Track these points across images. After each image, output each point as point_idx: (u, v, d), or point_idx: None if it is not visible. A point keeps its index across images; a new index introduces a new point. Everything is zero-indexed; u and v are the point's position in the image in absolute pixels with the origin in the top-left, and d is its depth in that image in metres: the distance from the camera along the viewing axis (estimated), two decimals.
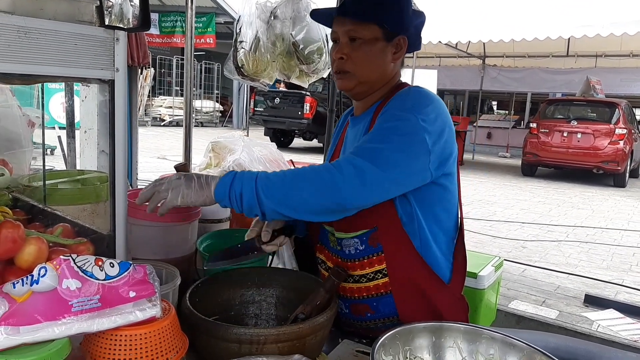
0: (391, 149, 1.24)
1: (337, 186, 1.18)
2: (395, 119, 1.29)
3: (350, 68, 1.41)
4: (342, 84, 1.46)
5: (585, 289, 4.41)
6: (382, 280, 1.41)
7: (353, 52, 1.40)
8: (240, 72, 2.50)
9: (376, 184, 1.22)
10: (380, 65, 1.42)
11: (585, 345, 1.71)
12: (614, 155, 11.10)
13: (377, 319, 1.46)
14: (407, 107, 1.31)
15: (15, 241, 0.91)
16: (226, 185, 1.19)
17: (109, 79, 0.94)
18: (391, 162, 1.23)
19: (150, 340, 0.90)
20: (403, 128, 1.27)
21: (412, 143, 1.26)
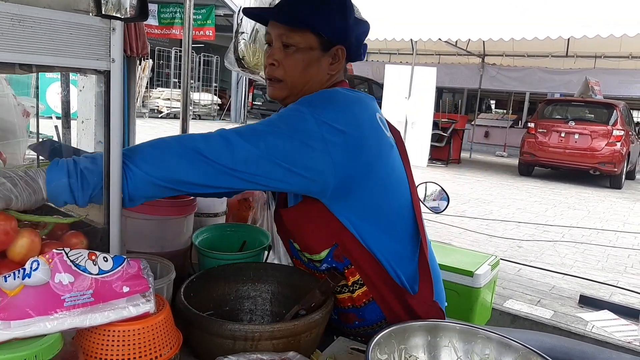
0: (272, 132, 1.13)
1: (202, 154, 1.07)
2: (288, 110, 1.20)
3: (281, 76, 1.31)
4: (273, 92, 1.36)
5: (580, 290, 4.42)
6: (362, 290, 1.38)
7: (285, 59, 1.29)
8: (240, 64, 2.48)
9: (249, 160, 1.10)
10: (312, 76, 1.31)
11: (580, 346, 1.71)
12: (610, 156, 11.12)
13: (367, 326, 1.44)
14: (308, 102, 1.20)
15: (7, 233, 0.90)
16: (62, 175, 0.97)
17: (105, 69, 0.92)
18: (267, 142, 1.11)
19: (144, 336, 0.88)
20: (289, 118, 1.17)
21: (300, 138, 1.13)
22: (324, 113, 1.16)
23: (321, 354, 1.31)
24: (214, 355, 1.07)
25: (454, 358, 1.20)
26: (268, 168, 1.12)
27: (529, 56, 15.24)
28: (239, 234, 1.74)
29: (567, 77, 14.73)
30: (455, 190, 9.04)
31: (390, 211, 1.34)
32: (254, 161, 1.11)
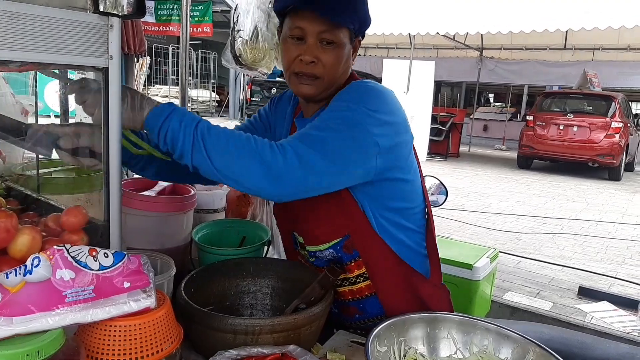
0: (337, 138, 1.14)
1: (279, 173, 1.08)
2: (340, 110, 1.19)
3: (320, 73, 1.26)
4: (308, 90, 1.29)
5: (579, 281, 4.44)
6: (365, 283, 1.40)
7: (325, 56, 1.24)
8: (238, 61, 2.48)
9: (319, 175, 1.13)
10: (345, 70, 1.31)
11: (578, 337, 1.73)
12: (609, 148, 11.14)
13: (367, 319, 1.46)
14: (354, 98, 1.20)
15: (9, 231, 0.91)
16: (160, 116, 1.06)
17: (103, 66, 0.93)
18: (337, 153, 1.13)
19: (145, 330, 0.89)
20: (348, 118, 1.16)
21: (358, 133, 1.16)
22: (372, 106, 1.19)
23: (321, 347, 1.32)
24: (215, 349, 1.08)
25: (453, 349, 1.21)
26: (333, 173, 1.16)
27: (527, 49, 15.21)
28: (239, 230, 1.75)
29: (566, 69, 14.72)
30: (454, 184, 9.05)
31: (411, 197, 1.37)
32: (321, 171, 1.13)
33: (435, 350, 1.21)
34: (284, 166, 1.08)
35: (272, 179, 1.08)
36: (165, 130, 1.06)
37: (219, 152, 1.07)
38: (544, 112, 12.19)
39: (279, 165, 1.08)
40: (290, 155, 1.09)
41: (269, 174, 1.08)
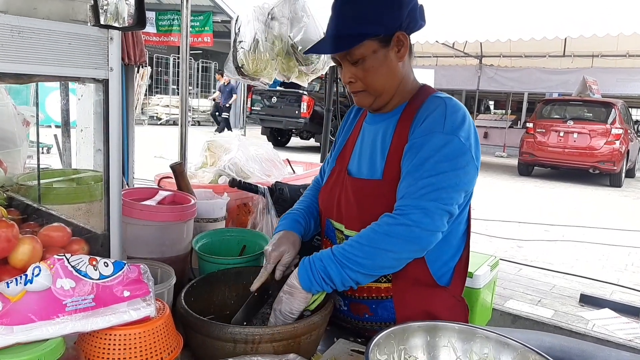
0: (445, 179, 1.26)
1: (414, 233, 1.23)
2: (440, 147, 1.28)
3: (361, 87, 1.39)
4: (359, 101, 1.44)
5: (580, 289, 4.42)
6: (385, 285, 1.41)
7: (358, 72, 1.36)
8: (240, 72, 2.50)
9: (442, 215, 1.26)
10: (389, 73, 1.37)
11: (579, 345, 1.72)
12: (610, 155, 11.13)
13: (375, 322, 1.46)
14: (448, 128, 1.29)
15: (9, 240, 0.91)
16: (306, 272, 1.25)
17: (103, 78, 0.94)
18: (450, 190, 1.27)
19: (145, 339, 0.90)
20: (452, 154, 1.28)
21: (463, 164, 1.29)
22: (465, 135, 1.30)
23: (321, 356, 1.32)
24: (215, 358, 1.08)
25: (453, 358, 1.21)
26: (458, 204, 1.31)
27: (526, 56, 15.25)
28: (239, 239, 1.75)
29: (565, 76, 14.74)
30: None
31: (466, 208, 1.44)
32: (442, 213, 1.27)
33: (435, 358, 1.21)
34: (417, 227, 1.23)
35: (416, 244, 1.25)
36: (318, 278, 1.24)
37: (366, 261, 1.24)
38: (544, 119, 12.20)
39: (413, 230, 1.23)
40: (413, 213, 1.24)
41: (413, 242, 1.25)
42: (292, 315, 1.25)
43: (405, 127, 1.37)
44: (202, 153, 2.51)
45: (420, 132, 1.32)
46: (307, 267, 1.25)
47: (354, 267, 1.23)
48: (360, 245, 1.24)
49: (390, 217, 1.26)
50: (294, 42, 2.45)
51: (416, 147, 1.31)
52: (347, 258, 1.23)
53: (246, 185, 2.08)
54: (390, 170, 1.36)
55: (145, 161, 9.30)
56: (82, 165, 4.06)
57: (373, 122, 1.49)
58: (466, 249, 1.49)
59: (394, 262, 1.28)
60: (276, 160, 2.47)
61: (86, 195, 1.44)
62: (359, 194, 1.41)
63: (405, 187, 1.29)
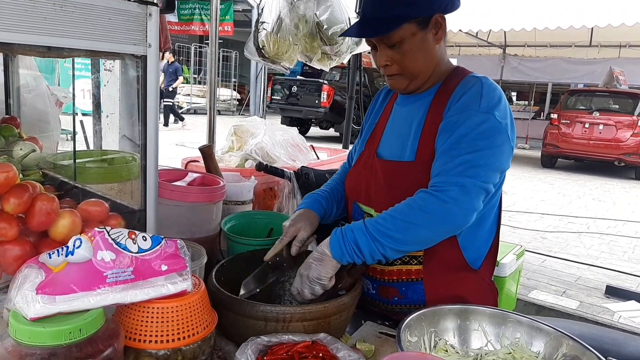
0: (482, 156, 1.25)
1: (450, 210, 1.21)
2: (475, 125, 1.27)
3: (397, 70, 1.37)
4: (394, 85, 1.43)
5: (606, 281, 4.36)
6: (415, 267, 1.40)
7: (395, 56, 1.34)
8: (261, 53, 2.47)
9: (479, 193, 1.24)
10: (427, 56, 1.36)
11: (610, 333, 1.70)
12: (636, 147, 10.90)
13: (404, 305, 1.45)
14: (484, 107, 1.28)
15: (50, 214, 0.93)
16: (338, 241, 1.24)
17: (142, 54, 0.94)
18: (487, 168, 1.25)
19: (181, 313, 0.91)
20: (486, 131, 1.26)
21: (499, 143, 1.27)
22: (502, 112, 1.29)
23: (350, 337, 1.32)
24: (246, 336, 1.09)
25: (484, 341, 1.20)
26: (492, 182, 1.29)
27: (551, 46, 14.94)
28: (266, 221, 1.76)
29: (591, 67, 14.42)
30: None
31: (498, 192, 1.42)
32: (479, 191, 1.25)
33: (466, 342, 1.20)
34: (452, 201, 1.21)
35: (450, 219, 1.22)
36: (349, 248, 1.23)
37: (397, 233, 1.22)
38: (569, 110, 11.98)
39: (448, 205, 1.21)
40: (449, 189, 1.22)
41: (448, 217, 1.22)
42: (320, 281, 1.25)
43: (440, 106, 1.35)
44: (229, 137, 2.52)
45: (456, 110, 1.31)
46: (339, 236, 1.25)
47: (384, 241, 1.21)
48: (394, 219, 1.23)
49: (426, 193, 1.24)
50: (320, 20, 2.41)
51: (451, 125, 1.29)
52: (378, 231, 1.22)
53: (272, 169, 2.08)
54: (424, 151, 1.35)
55: (167, 149, 9.40)
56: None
57: (405, 103, 1.47)
58: (497, 233, 1.48)
59: (426, 239, 1.26)
60: (302, 146, 2.47)
61: (119, 175, 1.46)
62: (390, 177, 1.39)
63: (441, 164, 1.27)
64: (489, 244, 1.46)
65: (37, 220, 0.93)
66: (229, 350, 1.16)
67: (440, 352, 1.15)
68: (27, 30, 0.80)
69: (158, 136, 0.99)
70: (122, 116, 4.14)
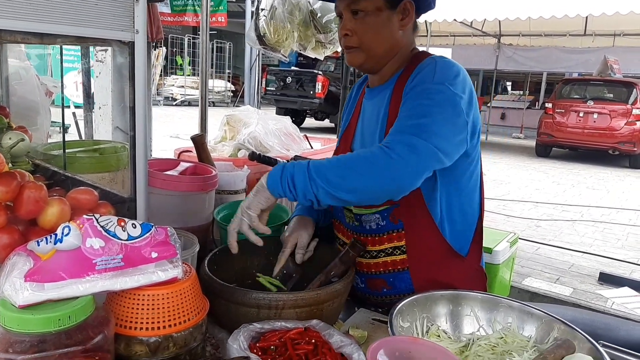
0: (435, 122, 1.20)
1: (394, 166, 1.16)
2: (428, 93, 1.25)
3: (356, 43, 1.36)
4: (350, 60, 1.41)
5: (599, 268, 4.39)
6: (400, 257, 1.40)
7: (357, 27, 1.34)
8: (262, 41, 2.46)
9: (429, 157, 1.19)
10: (387, 36, 1.35)
11: (602, 318, 1.71)
12: (630, 135, 10.94)
13: (393, 295, 1.46)
14: (438, 79, 1.26)
15: (38, 202, 0.92)
16: (277, 174, 1.20)
17: (129, 40, 0.93)
18: (439, 134, 1.20)
19: (172, 300, 0.90)
20: (440, 100, 1.23)
21: (452, 113, 1.23)
22: (461, 86, 1.25)
23: (343, 324, 1.33)
24: (239, 324, 1.09)
25: (476, 327, 1.20)
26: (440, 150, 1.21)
27: (546, 35, 14.92)
28: None
29: (585, 56, 14.40)
30: None
31: (473, 177, 1.40)
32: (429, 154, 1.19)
33: (458, 327, 1.21)
34: (397, 156, 1.15)
35: (391, 173, 1.16)
36: (285, 181, 1.19)
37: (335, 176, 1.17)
38: (564, 99, 12.00)
39: (393, 159, 1.15)
40: (396, 145, 1.17)
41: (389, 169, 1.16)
42: (248, 211, 1.23)
43: (399, 93, 1.34)
44: (221, 127, 2.51)
45: (411, 88, 1.29)
46: (280, 169, 1.21)
47: (320, 182, 1.16)
48: (337, 163, 1.19)
49: (376, 147, 1.20)
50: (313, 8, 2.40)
51: (405, 100, 1.28)
52: (318, 172, 1.17)
53: (266, 158, 2.07)
54: None
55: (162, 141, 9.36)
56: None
57: (371, 97, 1.47)
58: (481, 218, 1.47)
59: (362, 189, 1.18)
60: (295, 135, 2.46)
61: (110, 165, 1.45)
62: None
63: (395, 126, 1.25)
64: (474, 229, 1.45)
65: (26, 209, 0.92)
66: (222, 338, 1.17)
67: (433, 337, 1.16)
68: (12, 16, 0.79)
69: (149, 124, 0.99)
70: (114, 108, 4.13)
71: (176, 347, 0.91)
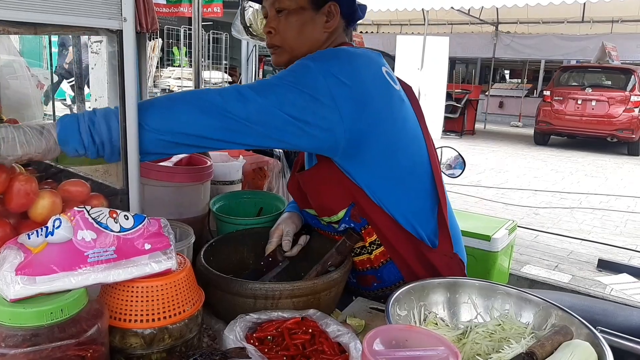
0: (282, 84, 1.14)
1: (218, 106, 1.09)
2: (294, 66, 1.21)
3: (279, 42, 1.34)
4: (275, 60, 1.37)
5: (598, 255, 4.39)
6: (379, 250, 1.39)
7: (280, 25, 1.32)
8: (248, 31, 2.44)
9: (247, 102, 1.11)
10: (309, 36, 1.32)
11: (600, 304, 1.71)
12: (628, 123, 10.93)
13: (385, 287, 1.45)
14: (310, 57, 1.22)
15: (29, 194, 0.91)
16: (73, 121, 0.99)
17: (117, 29, 0.92)
18: (278, 95, 1.13)
19: (167, 292, 0.89)
20: (298, 71, 1.18)
21: (301, 87, 1.14)
22: (329, 67, 1.17)
23: (340, 313, 1.32)
24: (235, 315, 1.08)
25: (474, 314, 1.20)
26: (280, 121, 1.13)
27: (543, 23, 14.86)
28: (256, 201, 1.75)
29: (583, 43, 14.37)
30: (470, 161, 8.95)
31: (405, 167, 1.33)
32: (266, 113, 1.11)
33: (455, 315, 1.20)
34: (221, 99, 1.09)
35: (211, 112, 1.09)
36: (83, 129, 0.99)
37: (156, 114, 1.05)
38: (562, 87, 11.97)
39: (216, 99, 1.09)
40: (228, 90, 1.12)
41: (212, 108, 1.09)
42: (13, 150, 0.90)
43: None
44: None
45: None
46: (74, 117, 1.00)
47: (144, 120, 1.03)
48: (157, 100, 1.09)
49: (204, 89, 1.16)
50: None
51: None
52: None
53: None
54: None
55: None
56: None
57: None
58: (441, 208, 1.39)
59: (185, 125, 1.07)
60: None
61: None
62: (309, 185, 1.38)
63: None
64: (435, 218, 1.39)
65: (16, 202, 0.91)
66: (219, 329, 1.16)
67: (430, 325, 1.15)
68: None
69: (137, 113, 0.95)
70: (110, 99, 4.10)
71: (172, 338, 0.91)
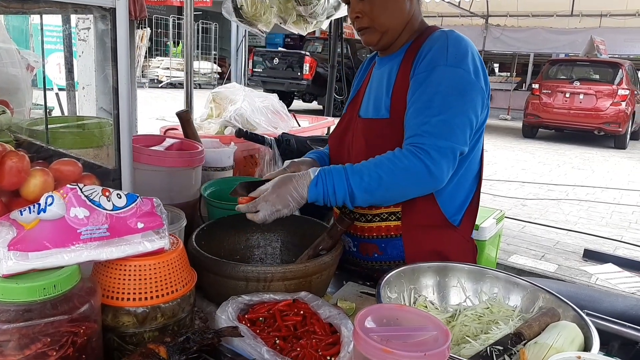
0: (457, 113, 1.26)
1: (433, 175, 1.23)
2: (446, 80, 1.28)
3: (368, 23, 1.40)
4: (366, 40, 1.44)
5: (584, 245, 4.45)
6: (394, 223, 1.42)
7: (365, 8, 1.39)
8: (238, 13, 2.41)
9: (456, 157, 1.27)
10: (396, 11, 1.40)
11: (586, 291, 1.74)
12: (615, 116, 11.03)
13: (384, 261, 1.47)
14: (451, 61, 1.29)
15: (20, 172, 0.90)
16: (318, 186, 1.24)
17: (110, 6, 0.91)
18: (464, 127, 1.27)
19: (159, 271, 0.90)
20: (458, 87, 1.28)
21: (472, 97, 1.29)
22: (470, 66, 1.30)
23: (332, 297, 1.33)
24: (227, 297, 1.09)
25: (463, 297, 1.22)
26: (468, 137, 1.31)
27: (533, 16, 14.91)
28: None
29: (572, 36, 14.45)
30: None
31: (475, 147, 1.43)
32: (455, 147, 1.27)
33: (445, 298, 1.22)
34: (433, 165, 1.23)
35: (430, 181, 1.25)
36: (326, 194, 1.24)
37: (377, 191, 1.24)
38: (550, 80, 12.04)
39: (430, 168, 1.23)
40: (430, 151, 1.23)
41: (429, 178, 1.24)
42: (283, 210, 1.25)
43: (409, 62, 1.37)
44: (207, 105, 2.48)
45: (424, 67, 1.32)
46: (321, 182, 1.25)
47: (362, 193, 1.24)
48: (379, 177, 1.24)
49: (410, 153, 1.24)
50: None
51: (421, 81, 1.31)
52: (360, 186, 1.24)
53: (253, 135, 2.06)
54: (397, 108, 1.37)
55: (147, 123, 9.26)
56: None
57: (380, 65, 1.50)
58: (478, 190, 1.49)
59: (403, 197, 1.32)
60: (282, 113, 2.44)
61: (94, 141, 1.43)
62: (368, 134, 1.42)
63: (418, 124, 1.27)
64: (469, 201, 1.47)
65: (8, 180, 0.90)
66: (211, 312, 1.16)
67: (420, 308, 1.17)
68: None
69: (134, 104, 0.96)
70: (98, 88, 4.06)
71: (164, 317, 0.91)
